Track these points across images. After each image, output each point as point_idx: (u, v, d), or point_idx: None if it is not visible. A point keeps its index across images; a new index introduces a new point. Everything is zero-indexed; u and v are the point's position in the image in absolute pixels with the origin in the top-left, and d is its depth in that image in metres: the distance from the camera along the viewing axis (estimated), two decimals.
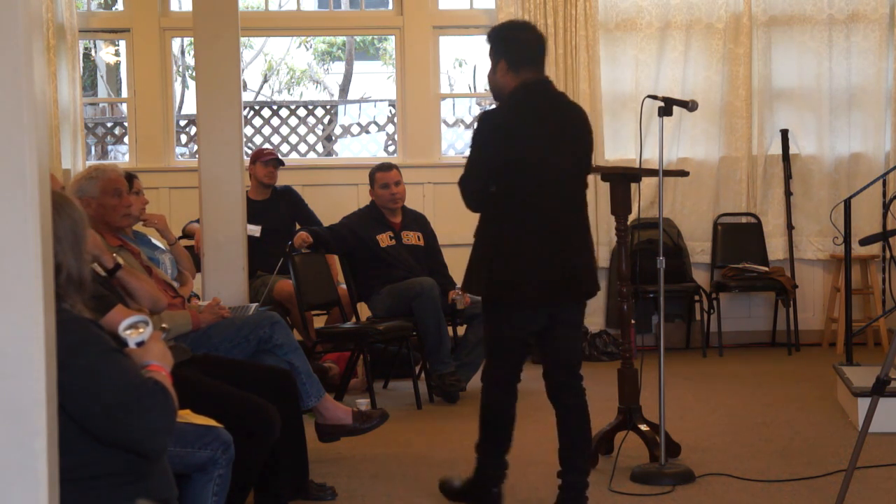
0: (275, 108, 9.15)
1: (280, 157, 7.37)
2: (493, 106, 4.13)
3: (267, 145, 8.71)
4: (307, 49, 14.37)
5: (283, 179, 7.40)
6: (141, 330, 2.53)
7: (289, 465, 4.03)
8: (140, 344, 2.52)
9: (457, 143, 9.34)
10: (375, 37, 13.74)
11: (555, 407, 4.07)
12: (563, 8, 8.13)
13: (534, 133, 3.93)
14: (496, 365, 4.05)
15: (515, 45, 3.99)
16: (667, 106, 4.53)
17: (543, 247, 3.89)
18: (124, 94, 9.52)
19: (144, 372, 2.46)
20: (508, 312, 3.95)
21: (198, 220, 6.17)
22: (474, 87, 14.02)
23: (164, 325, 3.49)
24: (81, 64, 8.71)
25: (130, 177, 5.12)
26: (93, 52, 13.00)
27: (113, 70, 13.37)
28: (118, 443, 2.39)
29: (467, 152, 4.06)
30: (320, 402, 4.45)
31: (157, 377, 2.45)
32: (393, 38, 8.88)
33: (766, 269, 8.01)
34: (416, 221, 6.94)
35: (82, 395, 2.31)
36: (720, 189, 8.36)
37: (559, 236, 3.92)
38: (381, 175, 6.78)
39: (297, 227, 7.03)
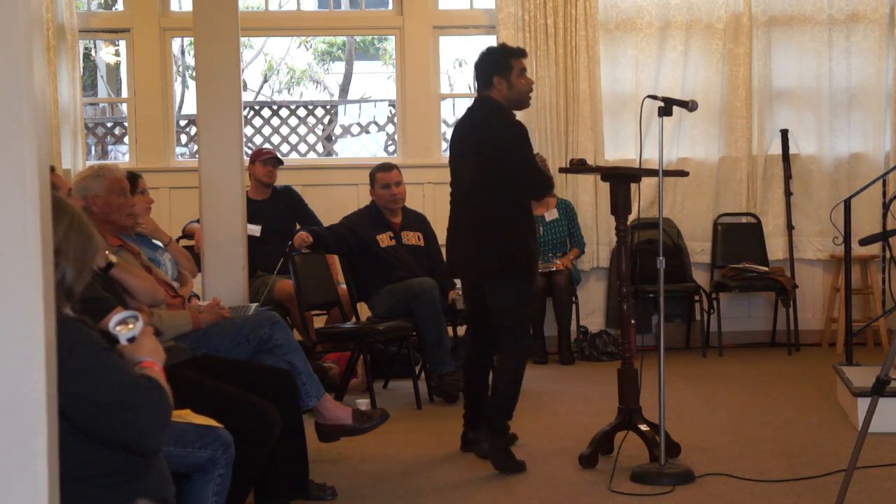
0: (275, 108, 9.16)
1: (279, 156, 7.37)
2: None
3: (267, 145, 8.71)
4: (307, 49, 14.36)
5: (283, 179, 7.41)
6: (131, 326, 2.51)
7: (289, 465, 4.03)
8: (131, 340, 2.51)
9: None
10: (375, 37, 13.74)
11: None
12: (563, 8, 8.13)
13: (453, 145, 5.04)
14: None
15: None
16: (667, 106, 4.54)
17: (452, 237, 5.04)
18: (124, 94, 9.53)
19: (137, 369, 2.46)
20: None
21: (198, 220, 6.17)
22: (474, 88, 13.98)
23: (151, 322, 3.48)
24: (81, 64, 8.71)
25: (135, 176, 5.12)
26: (93, 52, 12.99)
27: (113, 70, 13.36)
28: (114, 441, 2.39)
29: None
30: (320, 402, 4.44)
31: (150, 373, 2.45)
32: (393, 38, 8.88)
33: (766, 269, 8.01)
34: (417, 221, 6.94)
35: (76, 395, 2.31)
36: (720, 189, 8.37)
37: (461, 231, 4.95)
38: (382, 175, 6.78)
39: (297, 226, 7.03)
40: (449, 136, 8.87)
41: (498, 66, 4.91)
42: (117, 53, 12.52)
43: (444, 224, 7.54)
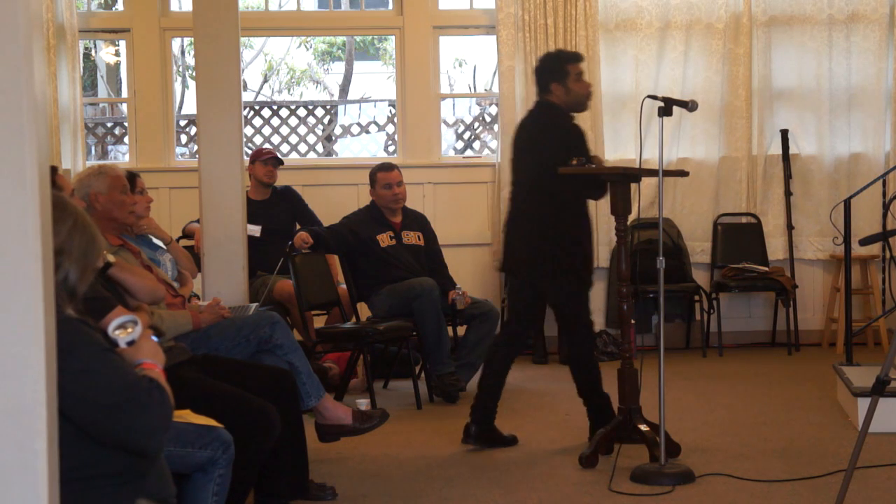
0: (275, 108, 9.15)
1: (279, 156, 7.37)
2: None
3: (267, 145, 8.71)
4: (307, 49, 14.36)
5: (283, 179, 7.40)
6: (130, 330, 2.52)
7: (289, 465, 4.03)
8: (131, 343, 2.52)
9: (457, 144, 9.35)
10: (375, 37, 13.74)
11: None
12: (563, 8, 8.13)
13: (513, 148, 5.24)
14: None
15: None
16: (666, 106, 4.54)
17: (508, 235, 5.22)
18: (124, 94, 9.52)
19: (138, 370, 2.46)
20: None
21: (198, 220, 6.17)
22: (474, 88, 14.01)
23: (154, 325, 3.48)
24: (81, 64, 8.71)
25: (133, 176, 5.12)
26: (93, 52, 13.00)
27: (113, 70, 13.36)
28: (116, 442, 2.39)
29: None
30: (320, 402, 4.44)
31: (151, 374, 2.45)
32: (393, 38, 8.87)
33: (766, 269, 8.01)
34: (417, 221, 6.94)
35: (78, 396, 2.31)
36: (720, 189, 8.36)
37: (518, 230, 5.13)
38: (383, 175, 6.78)
39: (297, 226, 7.03)
40: (449, 137, 8.93)
41: (554, 72, 5.06)
42: (117, 53, 12.53)
43: (444, 224, 7.63)
